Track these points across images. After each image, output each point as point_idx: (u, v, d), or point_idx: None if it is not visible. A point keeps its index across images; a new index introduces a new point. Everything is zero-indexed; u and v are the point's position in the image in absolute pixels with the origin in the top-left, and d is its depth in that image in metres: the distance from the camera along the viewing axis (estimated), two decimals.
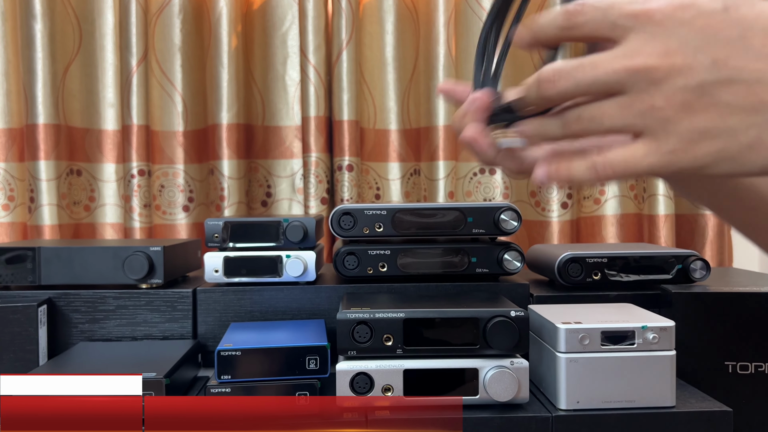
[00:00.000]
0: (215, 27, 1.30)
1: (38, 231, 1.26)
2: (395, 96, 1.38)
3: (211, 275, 0.89)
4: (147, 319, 0.89)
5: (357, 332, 0.71)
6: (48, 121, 1.26)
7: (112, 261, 0.89)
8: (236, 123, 1.31)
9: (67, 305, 0.89)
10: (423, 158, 1.37)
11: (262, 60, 1.38)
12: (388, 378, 0.70)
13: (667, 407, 0.71)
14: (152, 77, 1.32)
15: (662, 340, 0.71)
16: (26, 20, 1.24)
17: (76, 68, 1.33)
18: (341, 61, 1.30)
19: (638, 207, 1.38)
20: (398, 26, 1.37)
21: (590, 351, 0.71)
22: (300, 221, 0.89)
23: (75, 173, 1.33)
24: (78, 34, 1.33)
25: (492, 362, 0.71)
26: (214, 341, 0.88)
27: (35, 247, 0.90)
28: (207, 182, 1.36)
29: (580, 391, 0.71)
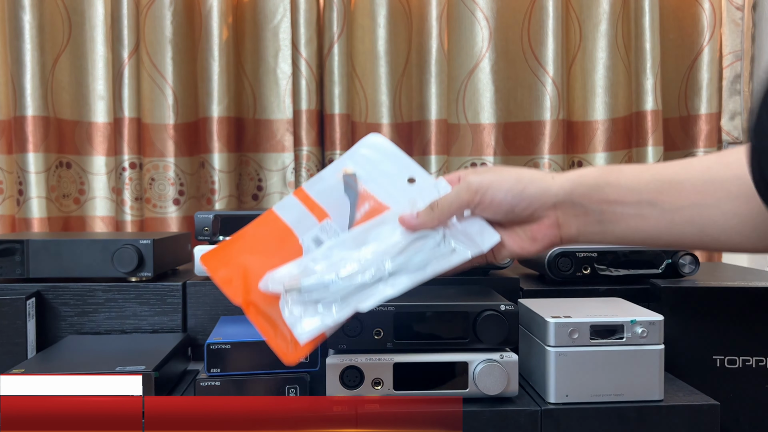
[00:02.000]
0: (206, 19, 1.29)
1: (27, 224, 1.25)
2: (387, 90, 1.38)
3: (201, 268, 0.89)
4: (136, 312, 0.89)
5: (347, 326, 0.71)
6: (37, 113, 1.25)
7: (101, 254, 0.89)
8: (227, 116, 1.31)
9: (56, 298, 0.88)
10: (415, 152, 1.36)
11: (253, 53, 1.37)
12: (378, 371, 0.70)
13: (655, 401, 0.72)
14: (143, 69, 1.31)
15: (651, 334, 0.72)
16: (15, 11, 1.23)
17: (66, 60, 1.32)
18: (333, 54, 1.30)
19: None
20: (390, 20, 1.37)
21: (579, 345, 0.71)
22: None
23: (64, 166, 1.32)
24: (68, 26, 1.32)
25: (482, 356, 0.71)
26: (203, 335, 0.88)
27: (24, 239, 0.89)
28: (198, 175, 1.35)
29: (569, 385, 0.71)
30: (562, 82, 1.33)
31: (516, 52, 1.37)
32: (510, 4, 1.37)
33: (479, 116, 1.39)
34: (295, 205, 0.63)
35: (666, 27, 1.36)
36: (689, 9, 1.36)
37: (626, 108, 1.37)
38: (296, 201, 0.63)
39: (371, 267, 0.57)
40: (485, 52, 1.37)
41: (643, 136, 1.31)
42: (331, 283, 0.57)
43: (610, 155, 1.38)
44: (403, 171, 0.63)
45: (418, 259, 0.58)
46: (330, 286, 0.56)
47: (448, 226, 0.59)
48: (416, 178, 0.63)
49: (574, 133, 1.39)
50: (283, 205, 0.63)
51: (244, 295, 0.58)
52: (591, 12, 1.37)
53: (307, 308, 0.56)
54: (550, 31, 1.32)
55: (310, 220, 0.62)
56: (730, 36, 1.36)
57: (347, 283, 0.57)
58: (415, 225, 0.59)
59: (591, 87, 1.38)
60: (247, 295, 0.58)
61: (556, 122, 1.33)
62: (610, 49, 1.36)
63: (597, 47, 1.37)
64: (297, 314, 0.56)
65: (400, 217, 0.60)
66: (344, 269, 0.57)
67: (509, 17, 1.37)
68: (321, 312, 0.56)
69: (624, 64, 1.36)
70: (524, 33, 1.36)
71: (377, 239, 0.59)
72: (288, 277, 0.58)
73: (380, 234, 0.60)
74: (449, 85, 1.37)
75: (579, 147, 1.40)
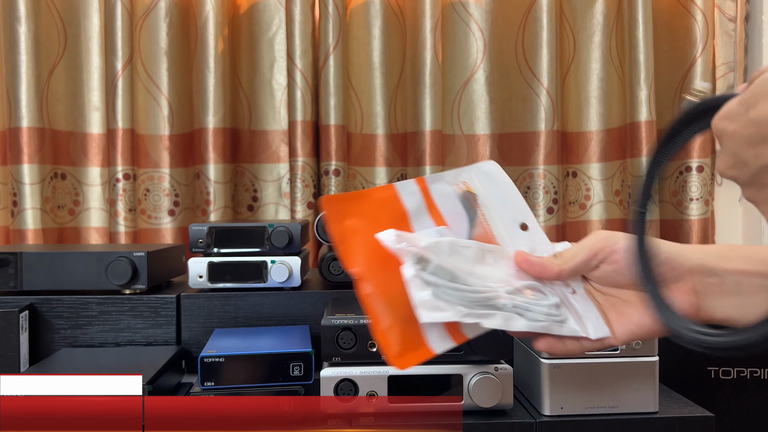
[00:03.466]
0: (202, 31, 1.30)
1: (21, 235, 1.25)
2: (382, 101, 1.38)
3: (196, 281, 0.89)
4: (130, 325, 0.88)
5: (341, 338, 0.71)
6: (32, 125, 1.25)
7: (95, 266, 0.88)
8: (222, 127, 1.31)
9: (50, 311, 0.88)
10: (410, 163, 1.37)
11: (248, 64, 1.37)
12: (373, 384, 0.70)
13: (650, 413, 0.72)
14: (138, 81, 1.31)
15: (645, 346, 0.72)
16: (10, 22, 1.23)
17: (61, 71, 1.32)
18: (328, 65, 1.30)
19: (623, 212, 1.39)
20: (385, 31, 1.37)
21: (574, 357, 0.71)
22: (285, 227, 0.89)
23: (59, 177, 1.32)
24: (63, 37, 1.32)
25: (476, 368, 0.71)
26: (197, 347, 0.87)
27: (17, 252, 0.89)
28: (193, 186, 1.35)
29: (563, 397, 0.71)
30: (557, 93, 1.34)
31: (510, 63, 1.38)
32: (504, 16, 1.38)
33: (474, 127, 1.39)
34: (416, 195, 0.56)
35: (659, 38, 1.37)
36: (682, 21, 1.37)
37: (620, 119, 1.38)
38: (418, 190, 0.57)
39: (498, 290, 0.52)
40: (480, 63, 1.37)
41: (637, 146, 1.32)
42: (461, 279, 0.51)
43: (604, 165, 1.39)
44: (516, 213, 0.58)
45: (536, 310, 0.52)
46: (458, 280, 0.50)
47: (562, 298, 0.54)
48: (529, 226, 0.58)
49: (569, 143, 1.40)
50: (405, 188, 0.56)
51: (362, 264, 0.51)
52: (585, 23, 1.38)
53: (430, 288, 0.49)
54: (544, 43, 1.33)
55: (428, 220, 0.56)
56: (723, 47, 1.37)
57: (474, 291, 0.51)
58: (537, 265, 0.54)
59: (585, 98, 1.38)
60: (368, 265, 0.51)
61: (551, 133, 1.34)
62: (604, 60, 1.37)
63: (591, 58, 1.38)
64: (422, 288, 0.48)
65: (520, 253, 0.55)
66: (472, 276, 0.51)
67: (503, 28, 1.38)
68: (446, 301, 0.49)
69: (618, 75, 1.37)
70: (519, 44, 1.37)
71: (494, 266, 0.54)
72: (422, 243, 0.51)
73: (496, 262, 0.55)
74: (444, 96, 1.37)
75: (574, 158, 1.40)
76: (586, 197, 1.40)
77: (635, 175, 1.32)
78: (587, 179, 1.40)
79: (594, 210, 1.40)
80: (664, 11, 1.39)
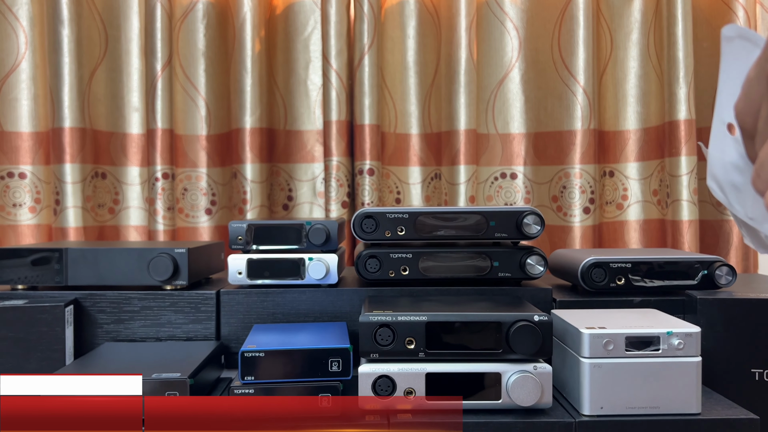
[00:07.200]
0: (239, 32, 1.31)
1: (63, 233, 1.28)
2: (416, 100, 1.39)
3: (235, 277, 0.90)
4: (171, 320, 0.90)
5: (379, 335, 0.71)
6: (74, 125, 1.28)
7: (137, 262, 0.90)
8: (259, 127, 1.32)
9: (93, 306, 0.90)
10: (444, 162, 1.37)
11: (284, 64, 1.39)
12: (411, 381, 0.70)
13: (692, 414, 0.70)
14: (176, 82, 1.34)
15: (687, 346, 0.71)
16: (54, 25, 1.27)
17: (102, 73, 1.35)
18: (363, 65, 1.31)
19: (662, 212, 1.37)
20: (420, 31, 1.38)
21: (614, 356, 0.71)
22: (323, 224, 0.90)
23: (100, 176, 1.35)
24: (104, 39, 1.35)
25: (515, 367, 0.70)
26: (237, 343, 0.89)
27: (62, 248, 0.91)
28: (230, 186, 1.37)
29: (603, 397, 0.70)
30: (593, 92, 1.32)
31: (546, 62, 1.37)
32: (540, 14, 1.37)
33: (509, 126, 1.38)
34: None
35: (699, 35, 1.34)
36: (723, 16, 1.35)
37: (659, 117, 1.36)
38: None
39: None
40: (515, 61, 1.37)
41: (676, 145, 1.29)
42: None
43: (642, 165, 1.37)
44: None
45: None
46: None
47: None
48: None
49: (606, 142, 1.38)
50: None
51: None
52: (622, 21, 1.36)
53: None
54: (580, 40, 1.32)
55: None
56: None
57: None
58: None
59: (622, 96, 1.37)
60: None
61: (587, 132, 1.32)
62: (642, 57, 1.35)
63: (628, 56, 1.36)
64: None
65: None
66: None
67: (539, 27, 1.37)
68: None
69: (656, 72, 1.35)
70: (554, 42, 1.36)
71: None
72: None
73: None
74: (478, 95, 1.37)
75: (611, 157, 1.39)
76: (623, 197, 1.38)
77: (673, 175, 1.29)
78: (624, 179, 1.38)
79: (631, 210, 1.38)
80: (704, 7, 1.37)
